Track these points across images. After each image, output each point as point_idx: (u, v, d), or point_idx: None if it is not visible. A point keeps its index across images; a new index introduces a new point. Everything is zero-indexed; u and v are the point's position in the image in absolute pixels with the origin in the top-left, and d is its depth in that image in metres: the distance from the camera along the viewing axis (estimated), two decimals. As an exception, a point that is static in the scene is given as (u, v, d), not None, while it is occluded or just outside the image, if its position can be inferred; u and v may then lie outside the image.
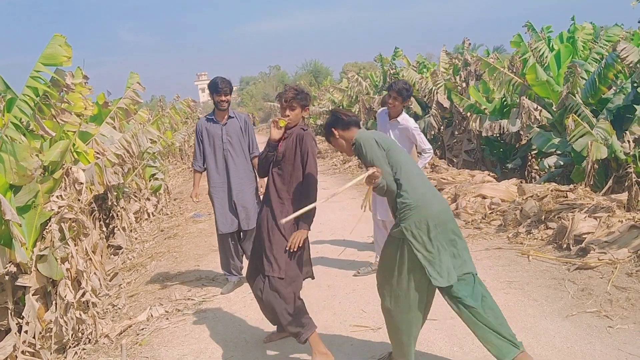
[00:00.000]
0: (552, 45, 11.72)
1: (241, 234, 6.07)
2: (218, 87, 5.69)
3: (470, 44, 16.07)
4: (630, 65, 8.24)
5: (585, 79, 9.53)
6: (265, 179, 4.30)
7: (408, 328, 3.59)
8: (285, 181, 4.12)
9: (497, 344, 3.42)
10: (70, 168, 5.08)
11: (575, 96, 9.27)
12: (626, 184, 7.70)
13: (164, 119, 14.47)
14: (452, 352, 4.08)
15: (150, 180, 11.31)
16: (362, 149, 3.58)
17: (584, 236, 5.98)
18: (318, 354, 3.97)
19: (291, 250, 3.95)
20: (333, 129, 3.80)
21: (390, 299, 3.61)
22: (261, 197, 5.16)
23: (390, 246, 3.62)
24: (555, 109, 10.03)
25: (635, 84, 8.62)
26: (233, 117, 5.89)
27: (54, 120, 5.07)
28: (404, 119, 5.71)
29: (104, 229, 8.32)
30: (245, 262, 6.00)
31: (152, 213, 10.66)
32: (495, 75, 11.36)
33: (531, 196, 7.51)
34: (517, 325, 4.39)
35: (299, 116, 4.14)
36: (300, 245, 3.96)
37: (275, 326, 4.53)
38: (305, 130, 4.13)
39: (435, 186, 9.98)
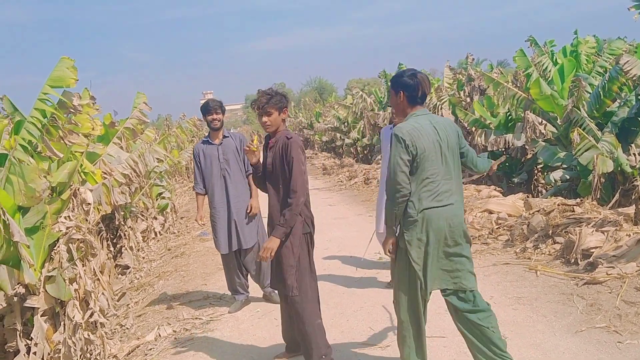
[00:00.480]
0: (556, 59, 11.76)
1: (241, 252, 5.99)
2: (209, 107, 5.77)
3: (473, 59, 16.12)
4: (634, 78, 8.25)
5: (590, 93, 9.54)
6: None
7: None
8: (280, 193, 4.12)
9: None
10: (78, 189, 5.13)
11: (580, 110, 9.28)
12: (633, 197, 7.69)
13: (171, 138, 14.54)
14: None
15: (157, 200, 11.37)
16: (391, 143, 3.55)
17: (591, 250, 5.95)
18: None
19: (285, 263, 3.97)
20: (402, 91, 3.64)
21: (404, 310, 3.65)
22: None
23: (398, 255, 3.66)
24: (560, 123, 10.04)
25: (639, 97, 8.62)
26: (228, 137, 5.93)
27: (62, 141, 5.12)
28: None
29: (112, 248, 8.36)
30: (251, 281, 6.08)
31: (159, 232, 10.69)
32: (499, 90, 11.40)
33: (538, 211, 7.49)
34: (526, 342, 4.37)
35: (278, 120, 4.11)
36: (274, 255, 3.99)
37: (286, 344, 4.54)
38: (290, 138, 4.06)
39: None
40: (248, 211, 5.83)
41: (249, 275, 6.06)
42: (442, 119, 3.68)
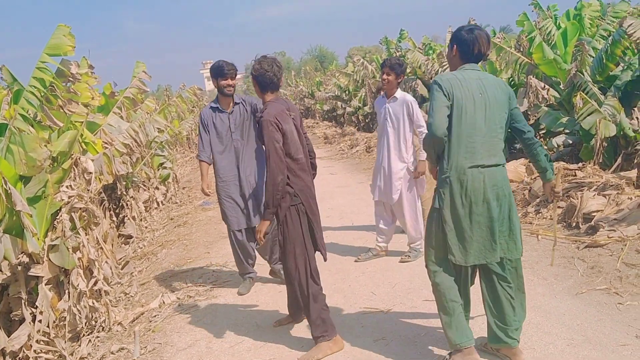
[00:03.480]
0: (559, 23, 11.59)
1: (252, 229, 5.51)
2: (224, 71, 5.24)
3: (476, 24, 15.93)
4: (638, 41, 8.13)
5: (593, 57, 9.43)
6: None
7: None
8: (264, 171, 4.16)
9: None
10: (79, 158, 5.13)
11: (583, 74, 9.18)
12: (635, 161, 7.64)
13: (171, 108, 14.46)
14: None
15: (158, 170, 11.36)
16: (431, 90, 3.41)
17: (593, 214, 5.97)
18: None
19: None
20: (455, 45, 3.47)
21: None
22: None
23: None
24: (563, 88, 9.93)
25: (643, 60, 8.52)
26: (239, 103, 5.43)
27: (61, 110, 5.09)
28: (401, 94, 5.67)
29: (114, 218, 8.39)
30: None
31: (162, 202, 10.72)
32: (501, 55, 11.25)
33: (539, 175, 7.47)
34: (527, 304, 4.33)
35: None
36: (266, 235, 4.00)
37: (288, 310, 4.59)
38: (261, 116, 3.91)
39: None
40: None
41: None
42: (493, 77, 3.48)
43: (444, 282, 3.48)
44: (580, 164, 7.67)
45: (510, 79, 11.87)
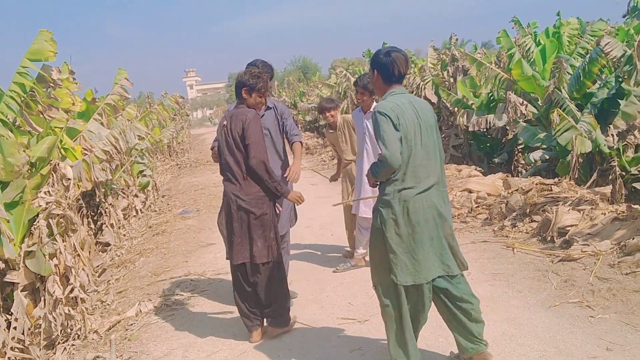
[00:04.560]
0: (538, 40, 11.81)
1: None
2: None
3: (457, 39, 16.12)
4: (614, 59, 8.33)
5: (571, 74, 9.63)
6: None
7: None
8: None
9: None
10: (58, 164, 5.10)
11: (560, 91, 9.36)
12: (610, 177, 7.79)
13: (152, 115, 14.44)
14: (438, 343, 4.14)
15: (138, 177, 11.30)
16: (375, 121, 3.42)
17: (567, 228, 6.06)
18: None
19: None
20: (376, 69, 3.58)
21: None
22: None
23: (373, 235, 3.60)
24: (541, 104, 10.12)
25: (619, 79, 8.72)
26: (271, 108, 5.11)
27: (41, 116, 5.07)
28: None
29: (92, 225, 8.32)
30: None
31: (141, 210, 10.66)
32: (482, 70, 11.44)
33: (516, 190, 7.60)
34: (501, 316, 4.47)
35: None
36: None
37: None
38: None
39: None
40: (286, 176, 4.96)
41: None
42: (421, 100, 3.60)
43: (392, 303, 3.50)
44: (556, 179, 7.80)
45: (490, 94, 12.05)
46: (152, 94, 26.41)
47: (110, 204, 8.79)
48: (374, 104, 5.71)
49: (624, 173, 7.92)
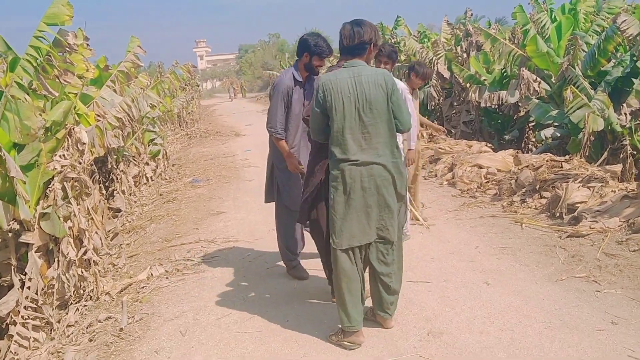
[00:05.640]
0: (554, 17, 11.67)
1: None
2: (325, 51, 4.74)
3: (472, 14, 15.97)
4: (630, 37, 8.24)
5: (585, 52, 9.54)
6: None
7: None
8: None
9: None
10: (73, 128, 5.15)
11: (574, 68, 9.29)
12: (621, 155, 7.80)
13: (164, 84, 14.44)
14: (445, 313, 4.20)
15: (149, 145, 11.35)
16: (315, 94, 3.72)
17: (577, 205, 6.08)
18: None
19: None
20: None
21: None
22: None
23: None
24: (554, 81, 10.05)
25: (634, 57, 8.64)
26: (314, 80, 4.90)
27: (57, 80, 5.10)
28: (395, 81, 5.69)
29: (104, 191, 8.40)
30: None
31: (151, 177, 10.73)
32: (495, 46, 11.34)
33: (527, 166, 7.60)
34: (508, 289, 4.53)
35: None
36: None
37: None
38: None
39: (432, 156, 10.07)
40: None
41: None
42: (371, 74, 3.60)
43: (345, 264, 3.73)
44: (567, 157, 7.80)
45: (503, 70, 11.96)
46: (162, 64, 26.40)
47: (122, 171, 8.85)
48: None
49: (635, 152, 7.90)
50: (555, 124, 9.59)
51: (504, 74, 11.93)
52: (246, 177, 10.80)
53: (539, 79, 9.98)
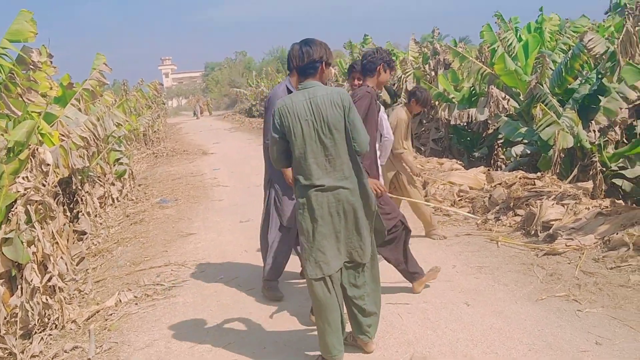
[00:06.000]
0: (520, 36, 11.88)
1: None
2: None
3: (439, 33, 16.16)
4: (597, 55, 8.39)
5: (553, 70, 9.69)
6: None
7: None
8: None
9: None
10: (37, 149, 4.93)
11: (542, 86, 9.42)
12: (591, 172, 7.89)
13: (129, 102, 14.17)
14: (426, 336, 4.10)
15: (115, 165, 11.07)
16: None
17: (551, 223, 6.09)
18: None
19: None
20: None
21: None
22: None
23: None
24: (522, 99, 10.18)
25: (600, 75, 8.79)
26: None
27: (20, 99, 4.89)
28: None
29: (68, 213, 8.11)
30: None
31: (117, 198, 10.43)
32: (464, 64, 11.46)
33: (500, 183, 7.62)
34: (489, 309, 4.46)
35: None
36: None
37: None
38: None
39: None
40: None
41: None
42: (326, 93, 3.48)
43: (320, 293, 3.58)
44: (539, 174, 7.84)
45: (472, 88, 12.08)
46: (127, 82, 26.02)
47: (87, 192, 8.56)
48: None
49: (604, 169, 8.01)
50: (525, 141, 9.69)
51: (473, 92, 12.05)
52: (215, 196, 10.59)
53: (507, 97, 10.10)
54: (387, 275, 5.31)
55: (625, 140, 8.96)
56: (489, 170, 9.05)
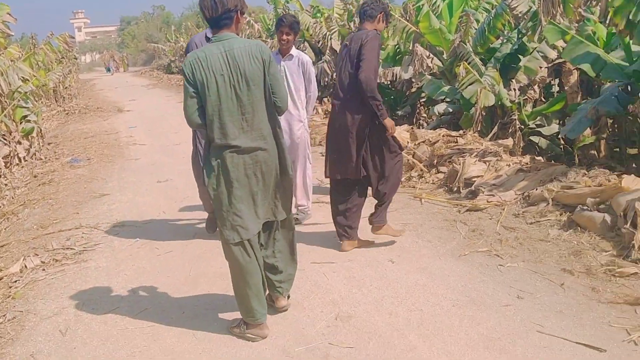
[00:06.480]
0: (444, -6, 11.85)
1: None
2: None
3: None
4: (519, 15, 8.47)
5: (476, 29, 9.73)
6: None
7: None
8: None
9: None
10: None
11: (466, 45, 9.45)
12: (510, 130, 8.03)
13: (37, 56, 13.20)
14: (352, 295, 4.01)
15: (21, 123, 10.33)
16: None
17: (473, 179, 6.14)
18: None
19: None
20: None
21: None
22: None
23: None
24: (446, 57, 10.20)
25: (521, 34, 8.90)
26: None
27: None
28: (297, 52, 5.46)
29: (-31, 174, 7.50)
30: None
31: (24, 158, 9.77)
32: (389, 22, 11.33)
33: (423, 141, 7.62)
34: (413, 266, 4.43)
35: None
36: None
37: None
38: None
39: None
40: None
41: None
42: (244, 46, 3.21)
43: (240, 258, 3.41)
44: (461, 131, 7.90)
45: (396, 47, 12.02)
46: (36, 35, 24.32)
47: (-11, 151, 7.94)
48: (293, 47, 5.43)
49: (522, 126, 8.17)
50: (447, 99, 9.75)
51: (397, 50, 12.00)
52: (132, 155, 10.10)
53: (431, 55, 10.09)
54: (310, 237, 5.22)
55: (543, 99, 9.20)
56: (412, 128, 9.06)
